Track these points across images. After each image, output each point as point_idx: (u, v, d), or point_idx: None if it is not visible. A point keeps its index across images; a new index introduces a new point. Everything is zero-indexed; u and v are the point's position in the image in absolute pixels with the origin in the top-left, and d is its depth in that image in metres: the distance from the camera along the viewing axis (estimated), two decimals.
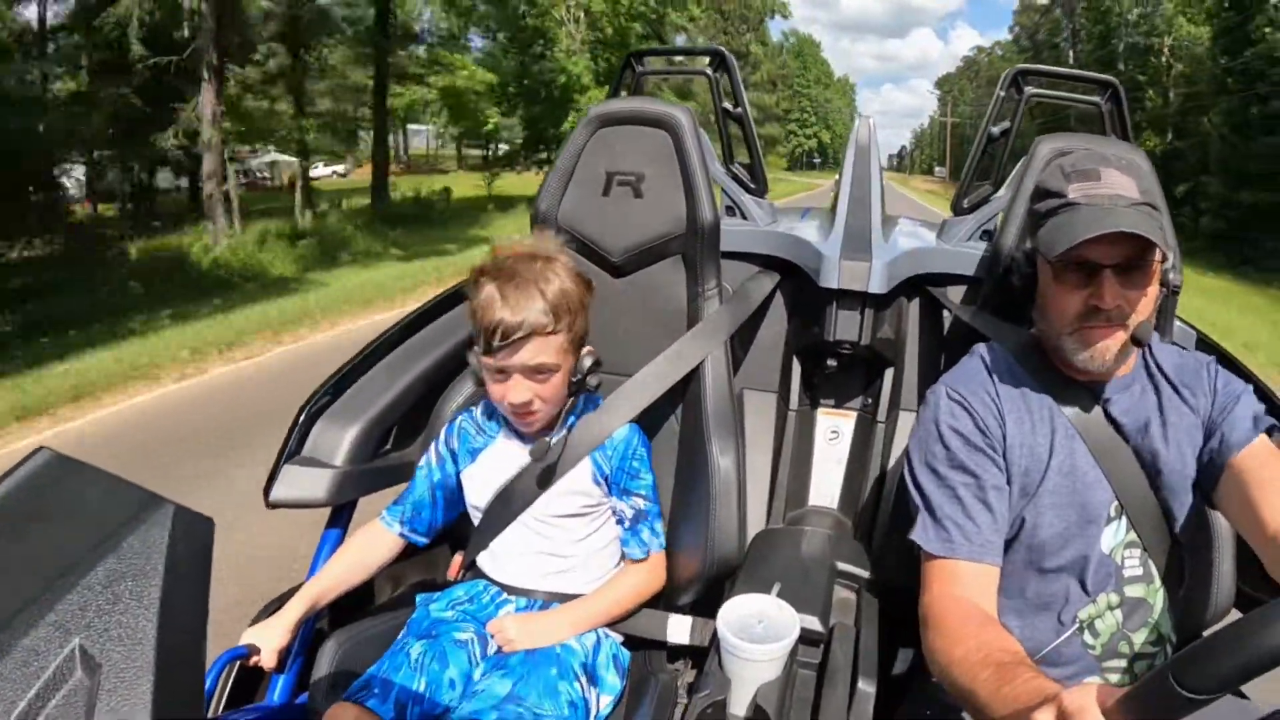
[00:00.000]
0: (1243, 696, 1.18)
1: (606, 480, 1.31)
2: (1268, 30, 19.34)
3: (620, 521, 1.33)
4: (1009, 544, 1.11)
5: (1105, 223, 1.00)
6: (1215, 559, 1.22)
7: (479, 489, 1.32)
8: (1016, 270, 1.20)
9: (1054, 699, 0.69)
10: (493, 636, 1.22)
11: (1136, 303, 1.04)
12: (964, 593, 1.04)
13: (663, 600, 1.37)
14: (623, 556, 1.34)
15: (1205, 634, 0.94)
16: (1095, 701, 0.65)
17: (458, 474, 1.35)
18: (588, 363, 1.28)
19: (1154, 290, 1.06)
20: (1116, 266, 1.02)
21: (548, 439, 1.26)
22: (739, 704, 1.03)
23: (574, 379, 1.27)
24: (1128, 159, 1.12)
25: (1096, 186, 1.04)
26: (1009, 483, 1.10)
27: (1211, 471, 1.09)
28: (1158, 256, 1.04)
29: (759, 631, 1.06)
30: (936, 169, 69.87)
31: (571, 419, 1.30)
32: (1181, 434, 1.11)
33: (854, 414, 1.65)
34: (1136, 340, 1.06)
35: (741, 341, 1.61)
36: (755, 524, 1.49)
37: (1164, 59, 26.08)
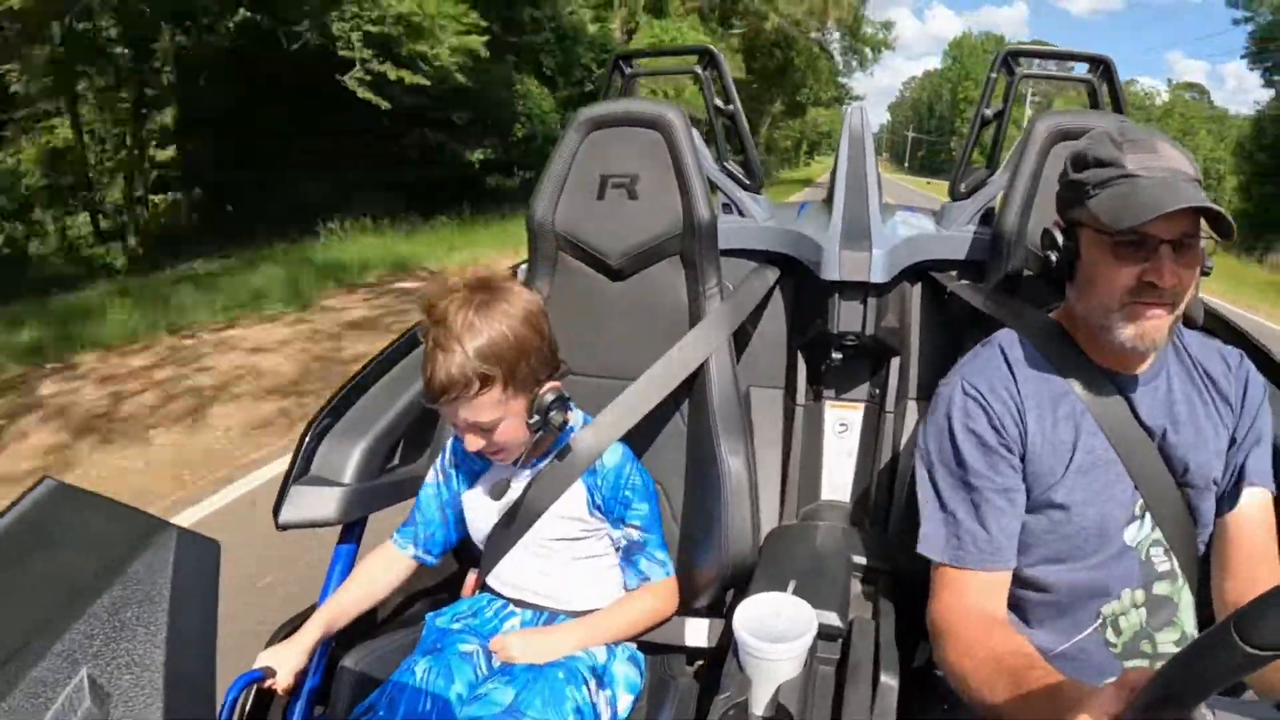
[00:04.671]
0: None
1: (601, 509, 1.28)
2: None
3: (619, 549, 1.31)
4: (1031, 538, 1.08)
5: (1177, 198, 0.95)
6: None
7: (479, 513, 1.31)
8: (1053, 245, 1.12)
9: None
10: (496, 653, 1.21)
11: (1189, 281, 1.01)
12: (974, 601, 1.03)
13: (679, 605, 1.36)
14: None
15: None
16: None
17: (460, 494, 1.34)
18: (549, 399, 1.17)
19: (1198, 270, 1.04)
20: (1173, 243, 0.99)
21: (521, 471, 1.26)
22: (760, 704, 1.02)
23: (531, 420, 1.16)
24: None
25: (1155, 159, 1.00)
26: (1025, 480, 1.07)
27: (1229, 486, 1.10)
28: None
29: (777, 630, 1.05)
30: (884, 154, 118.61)
31: (554, 447, 1.26)
32: (1208, 433, 1.09)
33: (862, 405, 1.64)
34: (1189, 320, 1.04)
35: (745, 339, 1.60)
36: (768, 521, 1.48)
37: None
